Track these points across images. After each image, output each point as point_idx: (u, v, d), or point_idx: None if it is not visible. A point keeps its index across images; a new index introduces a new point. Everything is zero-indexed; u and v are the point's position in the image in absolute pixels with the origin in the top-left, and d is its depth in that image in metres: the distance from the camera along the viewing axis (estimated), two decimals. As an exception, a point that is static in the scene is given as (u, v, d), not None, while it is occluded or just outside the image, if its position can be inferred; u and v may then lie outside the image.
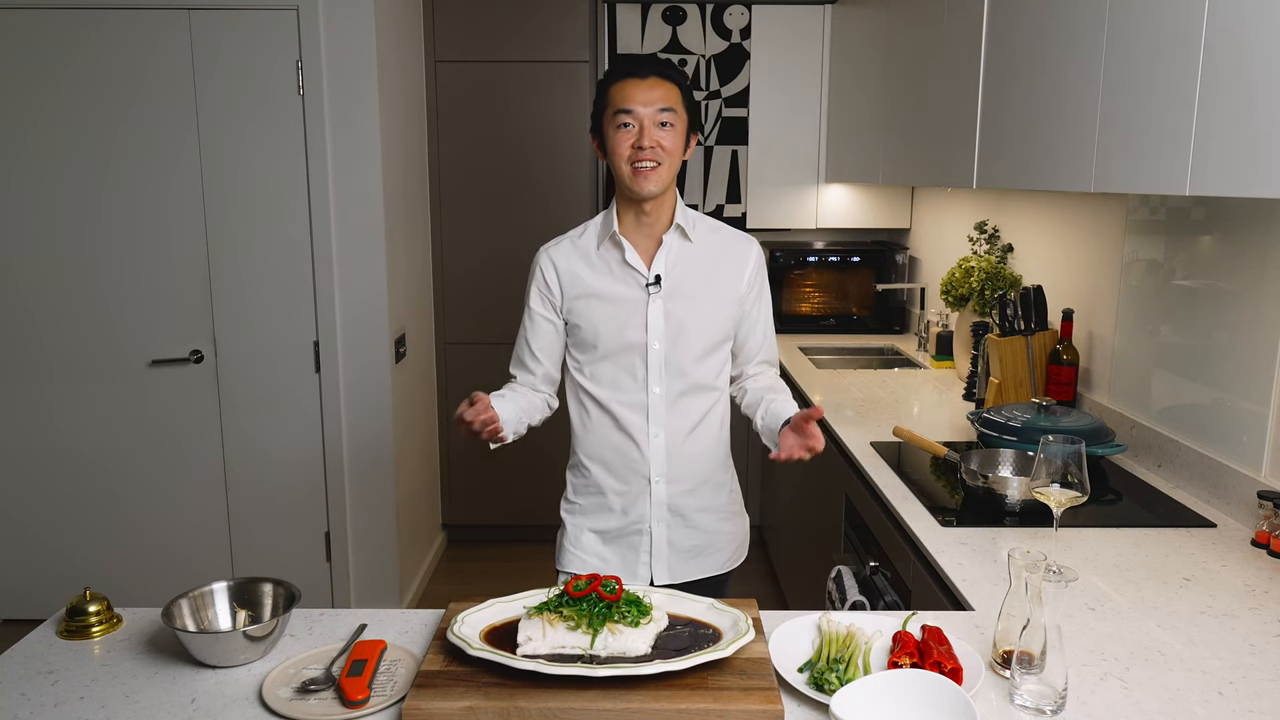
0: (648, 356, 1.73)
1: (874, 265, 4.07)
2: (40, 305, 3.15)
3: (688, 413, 1.77)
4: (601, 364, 1.76)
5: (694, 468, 1.80)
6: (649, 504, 1.78)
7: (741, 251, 1.81)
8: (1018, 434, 2.06)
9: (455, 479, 4.13)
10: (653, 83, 1.67)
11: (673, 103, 1.67)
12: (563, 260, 1.77)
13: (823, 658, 1.24)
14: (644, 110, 1.65)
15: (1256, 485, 1.78)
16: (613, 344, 1.73)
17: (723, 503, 1.86)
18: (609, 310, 1.73)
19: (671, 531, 1.80)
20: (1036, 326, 2.52)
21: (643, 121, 1.65)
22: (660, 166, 1.67)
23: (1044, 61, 1.96)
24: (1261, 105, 1.30)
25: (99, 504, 3.28)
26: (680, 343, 1.73)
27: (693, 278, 1.75)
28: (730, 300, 1.78)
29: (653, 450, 1.76)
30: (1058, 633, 1.14)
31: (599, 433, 1.79)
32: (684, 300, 1.73)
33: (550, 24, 3.86)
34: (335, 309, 3.18)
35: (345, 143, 3.10)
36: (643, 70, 1.68)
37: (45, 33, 3.00)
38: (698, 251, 1.76)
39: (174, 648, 1.33)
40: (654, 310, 1.72)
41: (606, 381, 1.76)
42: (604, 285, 1.74)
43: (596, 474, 1.81)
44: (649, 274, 1.73)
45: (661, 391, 1.74)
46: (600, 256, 1.75)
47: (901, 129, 3.01)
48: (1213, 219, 1.97)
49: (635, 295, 1.73)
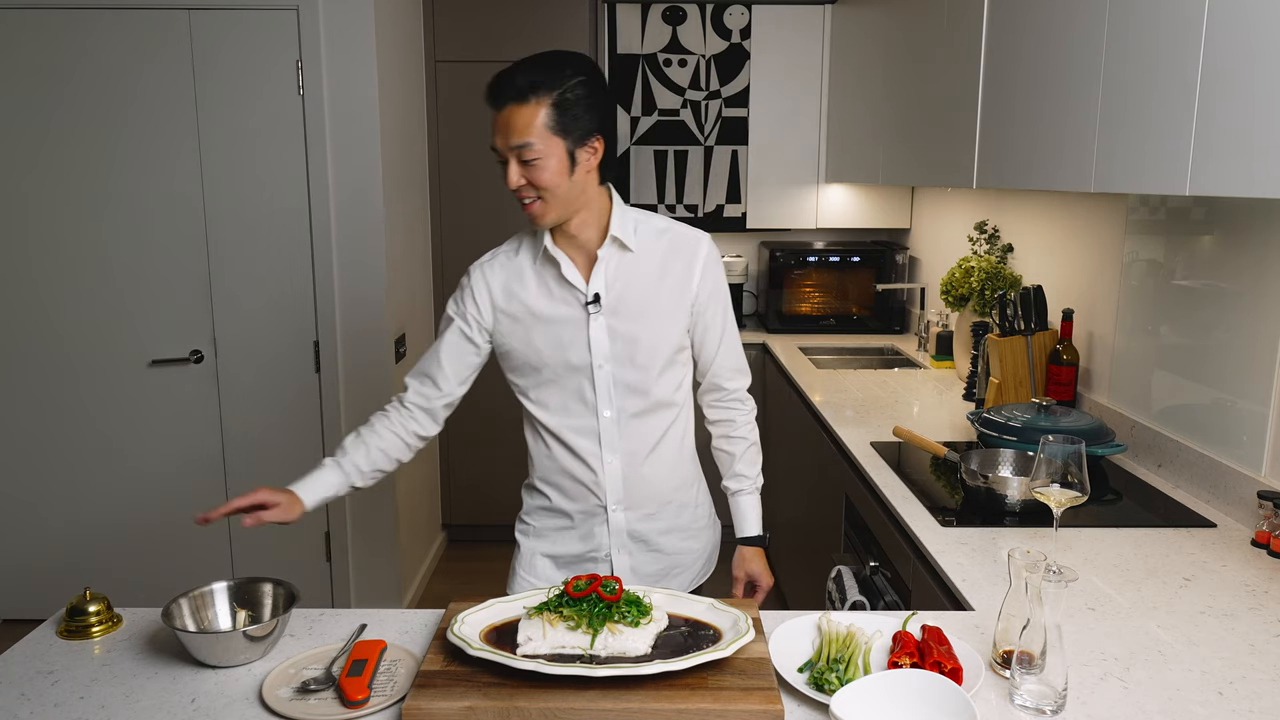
0: (594, 379, 1.60)
1: (874, 265, 4.07)
2: (40, 305, 3.15)
3: (644, 434, 1.64)
4: (546, 388, 1.64)
5: (654, 491, 1.68)
6: (607, 532, 1.68)
7: (689, 251, 1.62)
8: (1018, 434, 2.06)
9: (455, 479, 4.14)
10: (508, 114, 1.46)
11: (532, 134, 1.45)
12: (496, 279, 1.63)
13: (823, 658, 1.24)
14: (504, 149, 1.48)
15: (1256, 485, 1.78)
16: (556, 367, 1.61)
17: (687, 521, 1.75)
18: (549, 331, 1.60)
19: (634, 559, 1.70)
20: (1036, 326, 2.52)
21: (509, 159, 1.48)
22: (542, 202, 1.51)
23: (1044, 61, 1.96)
24: (1261, 105, 1.30)
25: (99, 504, 3.28)
26: (631, 361, 1.60)
27: (637, 290, 1.59)
28: (682, 308, 1.62)
29: (608, 476, 1.64)
30: (1058, 633, 1.14)
31: (552, 458, 1.68)
32: (630, 316, 1.59)
33: (550, 24, 3.86)
34: (335, 309, 3.18)
35: (345, 143, 3.10)
36: (497, 100, 1.47)
37: (45, 33, 3.00)
38: (641, 261, 1.60)
39: (174, 648, 1.33)
40: (596, 330, 1.59)
41: (554, 406, 1.64)
42: (542, 305, 1.60)
43: (553, 498, 1.71)
44: (587, 292, 1.59)
45: (613, 414, 1.62)
46: (536, 273, 1.61)
47: (901, 129, 3.02)
48: (1213, 219, 1.97)
49: (575, 315, 1.59)
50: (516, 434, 1.83)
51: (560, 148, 1.48)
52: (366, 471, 1.65)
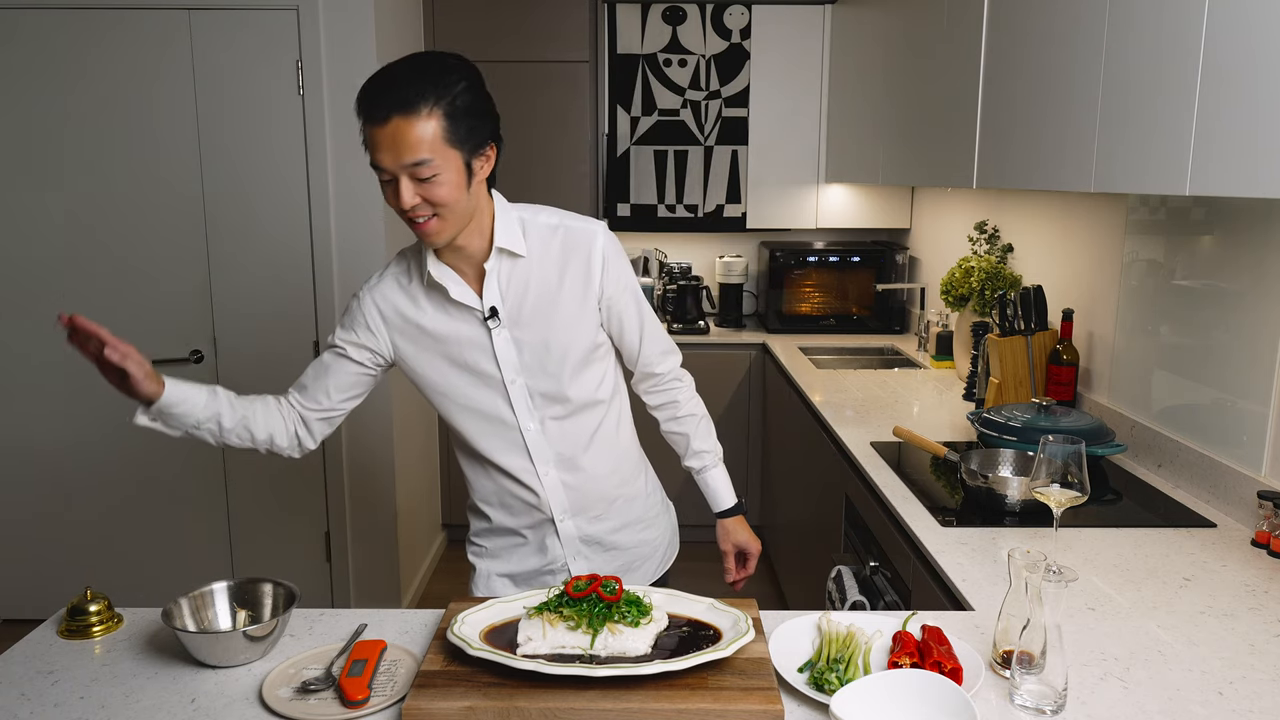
0: (509, 394, 1.54)
1: (874, 265, 4.07)
2: (40, 305, 3.15)
3: (574, 438, 1.59)
4: (465, 412, 1.57)
5: (598, 492, 1.63)
6: (559, 543, 1.64)
7: (585, 246, 1.52)
8: (1018, 434, 2.06)
9: (455, 479, 4.13)
10: (395, 128, 1.32)
11: (425, 149, 1.33)
12: (388, 304, 1.54)
13: (823, 658, 1.24)
14: (395, 167, 1.34)
15: (1256, 485, 1.78)
16: (469, 390, 1.54)
17: (639, 513, 1.71)
18: (453, 353, 1.53)
19: (592, 562, 1.67)
20: (1036, 326, 2.52)
21: (399, 177, 1.35)
22: (438, 219, 1.39)
23: (1044, 62, 1.96)
24: (1261, 105, 1.30)
25: (99, 504, 3.28)
26: (543, 370, 1.53)
27: (535, 295, 1.51)
28: (588, 307, 1.54)
29: (548, 489, 1.60)
30: (1058, 633, 1.14)
31: (490, 479, 1.63)
32: (533, 324, 1.51)
33: (550, 24, 3.86)
34: (335, 309, 3.18)
35: (345, 143, 3.10)
36: (379, 113, 1.32)
37: (45, 33, 3.00)
38: (534, 264, 1.51)
39: (174, 648, 1.33)
40: (501, 343, 1.52)
41: (477, 429, 1.58)
42: (439, 327, 1.52)
43: (498, 518, 1.66)
44: (482, 307, 1.51)
45: (537, 426, 1.56)
46: (429, 297, 1.52)
47: (901, 129, 3.02)
48: (1213, 219, 1.97)
49: (476, 332, 1.52)
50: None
51: (457, 160, 1.37)
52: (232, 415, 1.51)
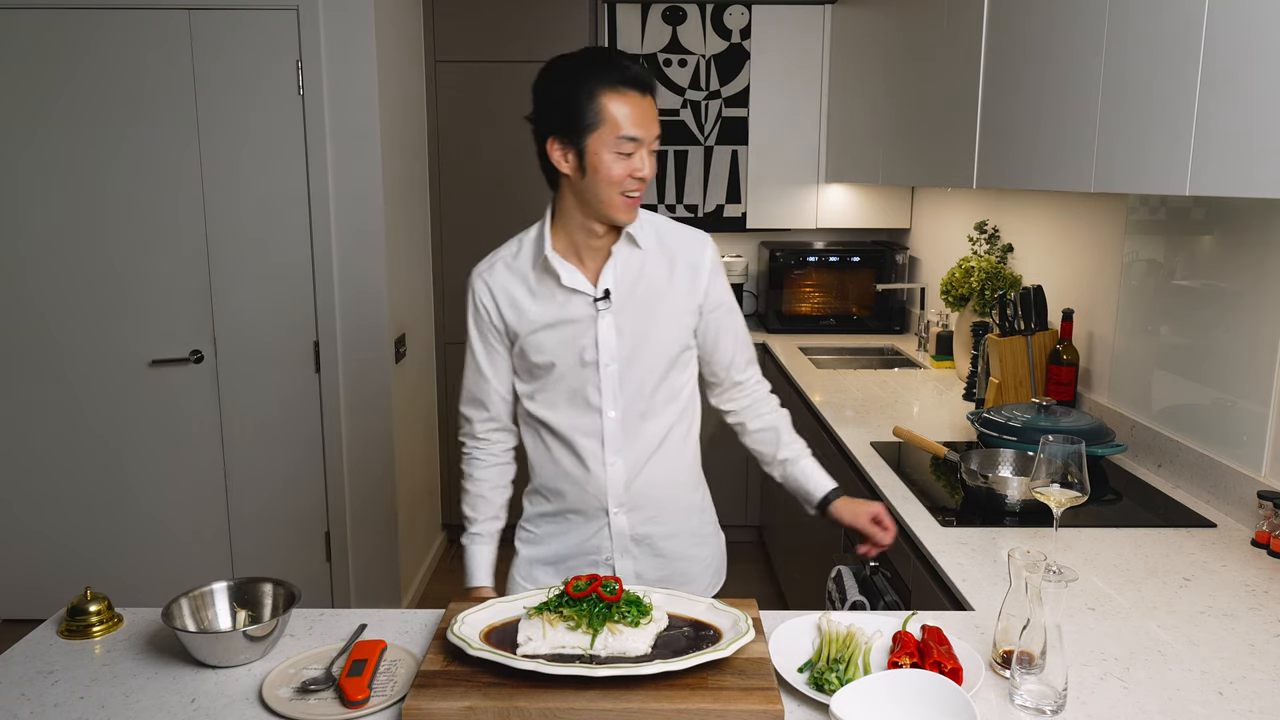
0: (600, 378, 1.58)
1: (874, 265, 4.07)
2: (40, 305, 3.15)
3: (649, 435, 1.62)
4: (552, 390, 1.62)
5: (658, 493, 1.65)
6: (609, 536, 1.65)
7: (696, 253, 1.63)
8: (1018, 434, 2.06)
9: (455, 479, 4.12)
10: (649, 104, 1.49)
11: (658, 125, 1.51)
12: (499, 286, 1.62)
13: (823, 658, 1.24)
14: (648, 137, 1.48)
15: (1256, 485, 1.78)
16: (563, 369, 1.59)
17: (693, 526, 1.72)
18: (556, 335, 1.59)
19: (638, 563, 1.67)
20: (1036, 326, 2.52)
21: (644, 147, 1.48)
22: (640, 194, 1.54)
23: (1044, 61, 1.96)
24: (1262, 105, 1.30)
25: (99, 504, 3.28)
26: (637, 359, 1.59)
27: (646, 288, 1.59)
28: (689, 309, 1.62)
29: (610, 479, 1.62)
30: (1058, 633, 1.14)
31: (553, 462, 1.66)
32: (637, 313, 1.58)
33: (550, 24, 3.86)
34: (335, 309, 3.18)
35: (345, 143, 3.10)
36: (645, 87, 1.48)
37: (45, 33, 3.00)
38: (649, 259, 1.60)
39: (174, 648, 1.33)
40: (604, 327, 1.57)
41: (558, 407, 1.62)
42: (547, 310, 1.59)
43: (555, 503, 1.68)
44: (596, 289, 1.57)
45: (618, 415, 1.60)
46: (538, 278, 1.60)
47: (901, 129, 3.01)
48: (1213, 219, 1.97)
49: (583, 314, 1.58)
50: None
51: None
52: (500, 516, 1.73)
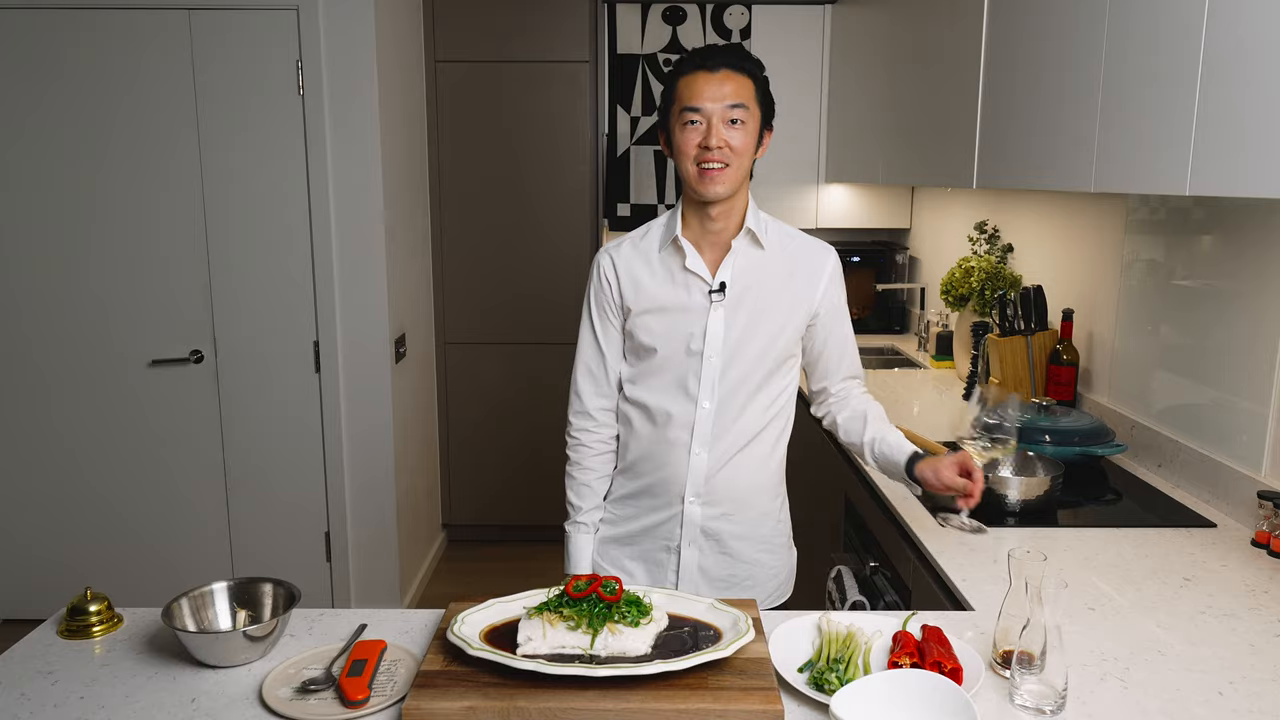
0: (702, 369, 1.62)
1: (874, 265, 4.07)
2: (41, 305, 3.15)
3: (739, 432, 1.64)
4: (654, 374, 1.66)
5: (736, 491, 1.67)
6: (680, 524, 1.68)
7: (818, 262, 1.66)
8: (1018, 434, 2.05)
9: (455, 479, 4.13)
10: (724, 76, 1.54)
11: (744, 98, 1.55)
12: (623, 263, 1.66)
13: (823, 658, 1.24)
14: (713, 107, 1.53)
15: (1256, 485, 1.78)
16: (667, 354, 1.63)
17: (766, 532, 1.73)
18: (668, 320, 1.63)
19: (704, 556, 1.69)
20: (1036, 326, 2.52)
21: (711, 119, 1.53)
22: (728, 168, 1.55)
23: (1044, 61, 1.96)
24: (1262, 105, 1.30)
25: (99, 504, 3.28)
26: (740, 356, 1.62)
27: (761, 287, 1.62)
28: (801, 314, 1.65)
29: (691, 468, 1.64)
30: (1058, 633, 1.14)
31: (641, 442, 1.69)
32: (749, 311, 1.61)
33: (550, 24, 3.86)
34: (335, 309, 3.18)
35: (345, 143, 3.10)
36: (713, 63, 1.55)
37: (45, 33, 3.00)
38: (769, 260, 1.63)
39: (174, 648, 1.33)
40: (714, 320, 1.61)
41: (655, 390, 1.66)
42: (664, 292, 1.63)
43: (636, 483, 1.71)
44: (713, 281, 1.61)
45: (711, 407, 1.62)
46: (661, 261, 1.64)
47: (901, 129, 3.01)
48: (1213, 219, 1.97)
49: (696, 303, 1.62)
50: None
51: (757, 119, 1.58)
52: (601, 506, 1.75)
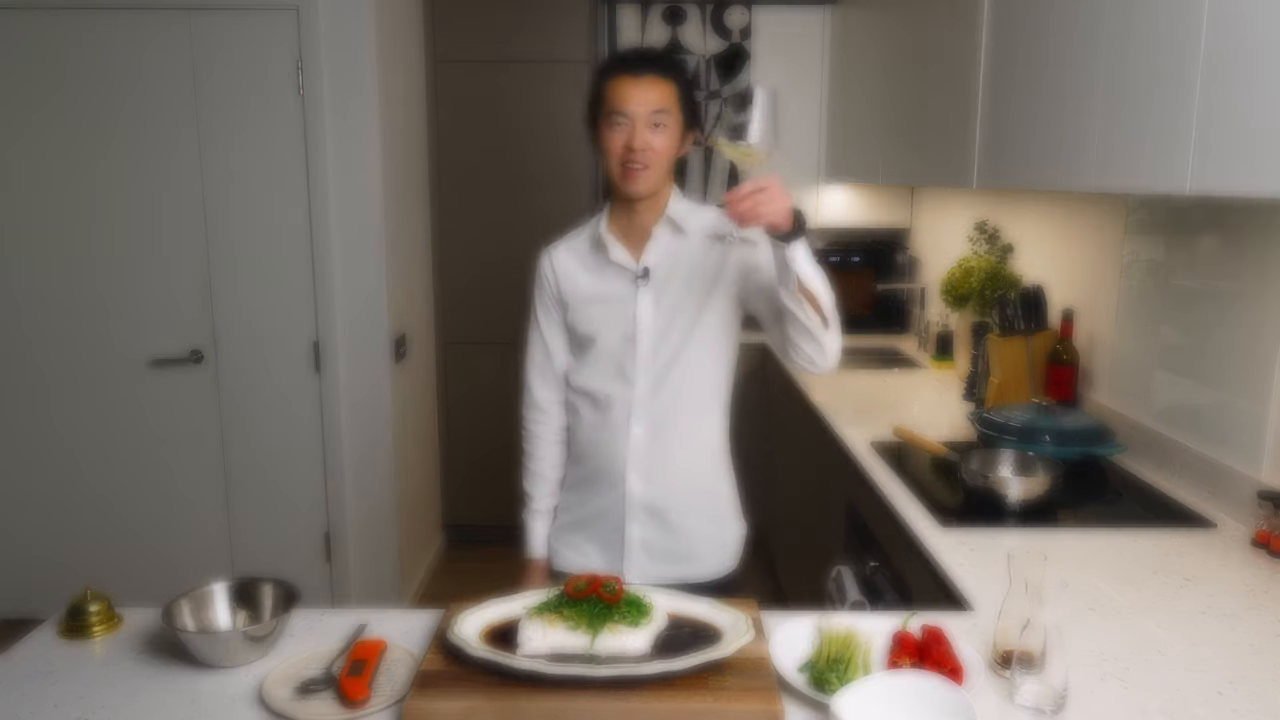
0: (636, 351, 1.71)
1: (874, 265, 4.07)
2: (41, 305, 3.15)
3: (676, 409, 1.72)
4: (595, 362, 1.75)
5: (676, 467, 1.75)
6: (623, 501, 1.74)
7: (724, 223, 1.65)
8: (1018, 434, 2.06)
9: (455, 479, 4.13)
10: (648, 82, 1.63)
11: (667, 103, 1.64)
12: (560, 262, 1.79)
13: (823, 658, 1.24)
14: (637, 110, 1.62)
15: (1256, 485, 1.78)
16: (605, 341, 1.73)
17: (707, 503, 1.80)
18: (601, 309, 1.74)
19: (646, 531, 1.75)
20: (1036, 326, 2.52)
21: (635, 122, 1.63)
22: (649, 169, 1.64)
23: (1044, 61, 1.96)
24: (1262, 104, 1.30)
25: (99, 504, 3.28)
26: (669, 335, 1.71)
27: (685, 266, 1.71)
28: (727, 277, 1.71)
29: (631, 446, 1.72)
30: (1058, 633, 1.14)
31: (586, 428, 1.78)
32: (675, 292, 1.71)
33: (550, 24, 3.86)
34: (335, 309, 3.18)
35: (345, 143, 3.09)
36: (638, 68, 1.64)
37: (45, 33, 2.99)
38: (692, 242, 1.72)
39: (174, 648, 1.33)
40: (643, 304, 1.71)
41: (597, 376, 1.75)
42: (596, 285, 1.75)
43: (582, 467, 1.80)
44: (638, 266, 1.72)
45: (647, 385, 1.71)
46: (593, 255, 1.76)
47: (901, 129, 3.01)
48: (1213, 219, 1.97)
49: (625, 290, 1.72)
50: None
51: (679, 124, 1.67)
52: (555, 493, 1.87)
